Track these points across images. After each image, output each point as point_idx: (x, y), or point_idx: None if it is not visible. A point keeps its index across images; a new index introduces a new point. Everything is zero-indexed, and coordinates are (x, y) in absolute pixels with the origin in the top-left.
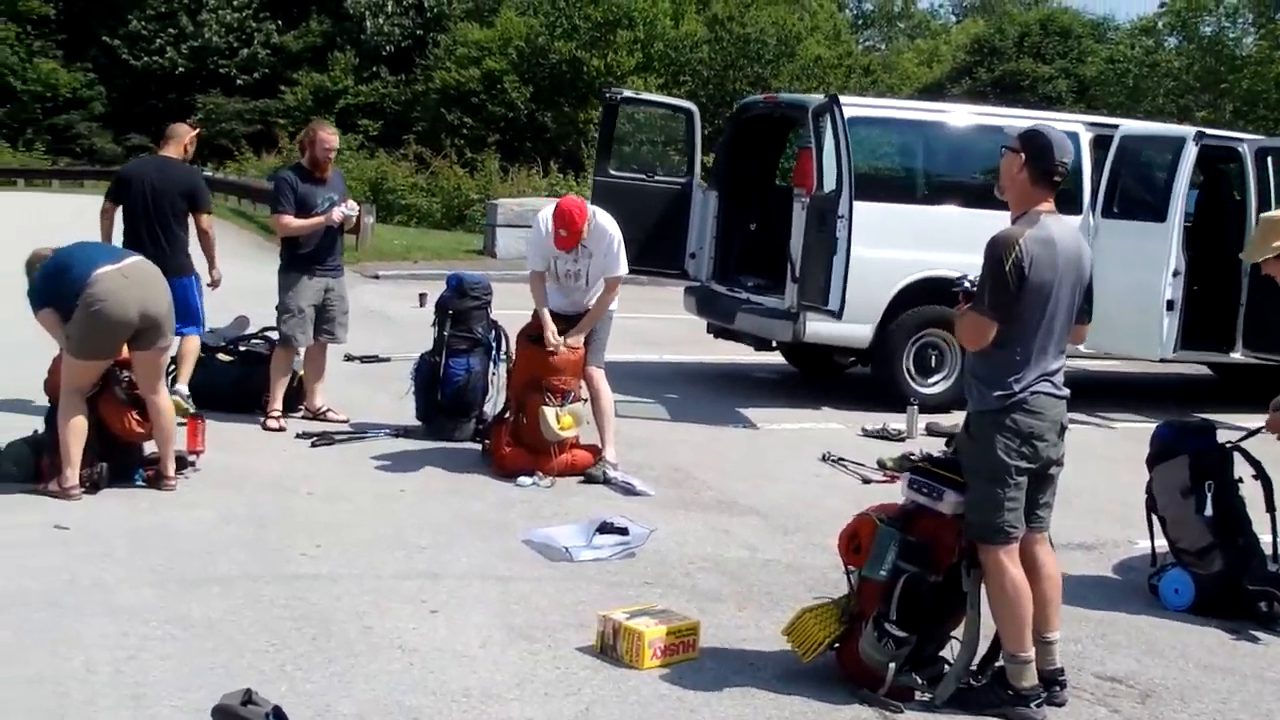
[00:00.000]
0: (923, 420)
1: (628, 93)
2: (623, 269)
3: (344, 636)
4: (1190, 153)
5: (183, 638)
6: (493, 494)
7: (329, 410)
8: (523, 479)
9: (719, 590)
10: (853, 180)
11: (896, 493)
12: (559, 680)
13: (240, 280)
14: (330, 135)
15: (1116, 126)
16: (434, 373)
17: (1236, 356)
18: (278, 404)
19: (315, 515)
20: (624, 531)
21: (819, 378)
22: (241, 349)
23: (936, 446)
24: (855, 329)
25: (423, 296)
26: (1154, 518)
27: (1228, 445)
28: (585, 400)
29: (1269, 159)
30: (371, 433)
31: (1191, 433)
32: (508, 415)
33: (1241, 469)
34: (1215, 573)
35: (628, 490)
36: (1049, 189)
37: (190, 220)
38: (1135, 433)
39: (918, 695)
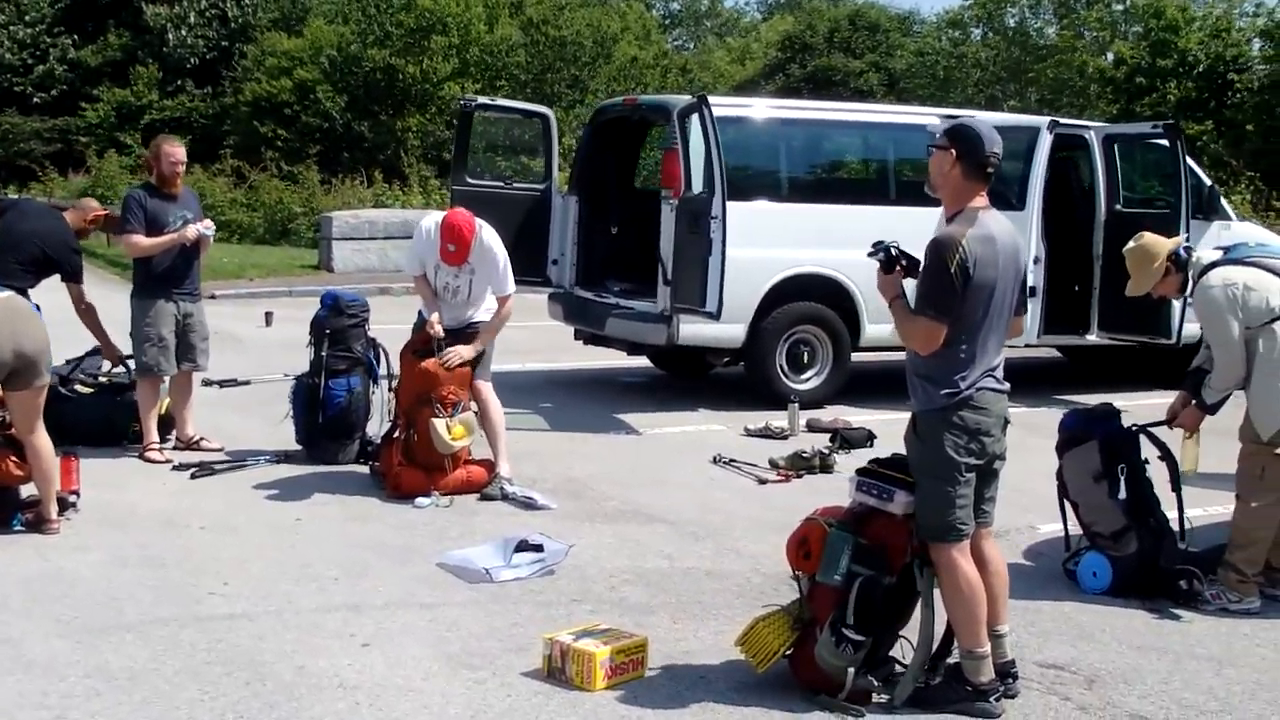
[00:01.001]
0: (802, 417)
1: (482, 99)
2: (511, 286)
3: (279, 679)
4: (1045, 141)
5: (107, 692)
6: (392, 517)
7: (202, 439)
8: (420, 499)
9: (648, 603)
10: (725, 181)
11: (793, 492)
12: (513, 709)
13: None
14: (177, 149)
15: (972, 118)
16: (314, 395)
17: (1092, 339)
18: (154, 435)
19: (213, 551)
20: (539, 549)
21: (687, 380)
22: (101, 379)
23: (821, 442)
24: (728, 329)
25: (269, 315)
26: (1065, 503)
27: (1134, 428)
28: (475, 412)
29: (1115, 146)
30: (251, 460)
31: (1099, 418)
32: (397, 434)
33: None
34: (1131, 554)
35: (529, 505)
36: (982, 182)
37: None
38: (1020, 418)
39: (874, 697)
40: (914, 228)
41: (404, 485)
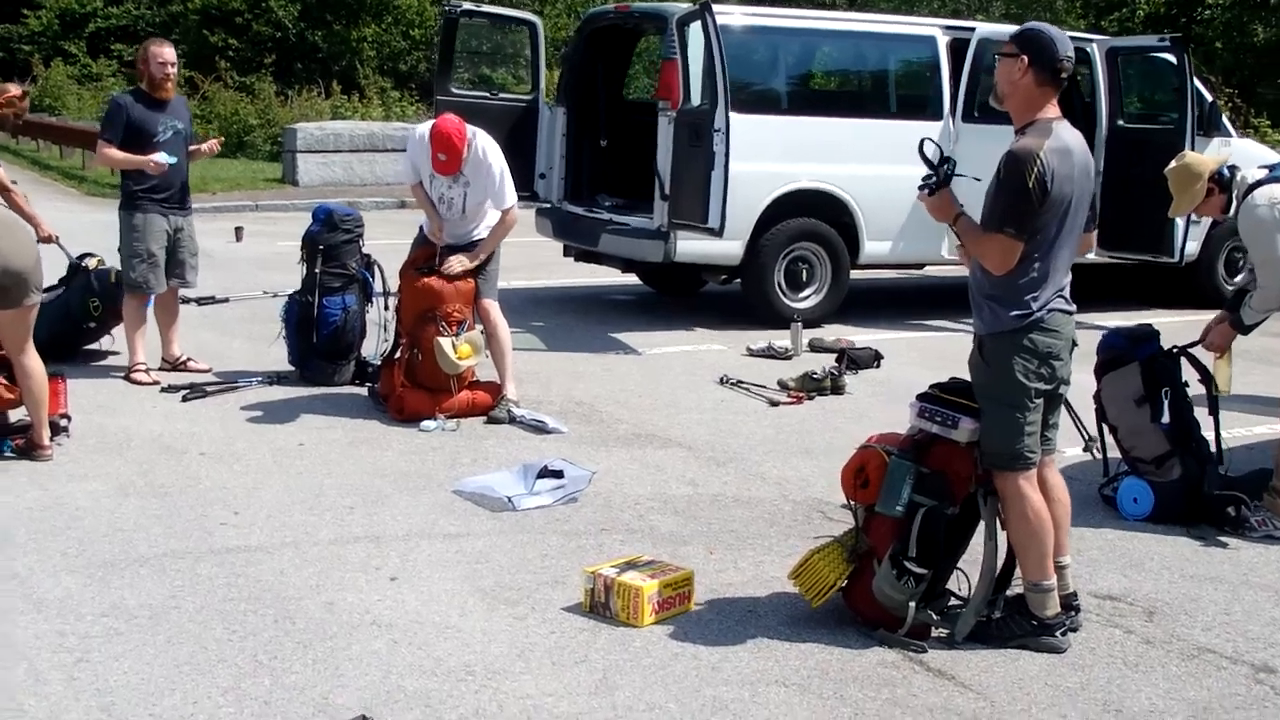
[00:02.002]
0: (805, 336)
1: (467, 5)
2: (511, 198)
3: (308, 616)
4: None
5: (128, 632)
6: (399, 442)
7: (188, 359)
8: (426, 423)
9: (679, 532)
10: (728, 92)
11: (806, 414)
12: (560, 647)
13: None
14: (165, 49)
15: (973, 30)
16: (307, 314)
17: (1091, 257)
18: (141, 356)
19: (218, 479)
20: (559, 475)
21: (678, 297)
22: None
23: (827, 363)
24: (726, 246)
25: (239, 230)
26: (1104, 427)
27: (1174, 350)
28: (481, 331)
29: (1118, 59)
30: (243, 382)
31: (1139, 339)
32: (399, 355)
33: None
34: (1175, 480)
35: (539, 428)
36: (1055, 89)
37: None
38: None
39: (933, 631)
40: (913, 141)
41: (408, 408)
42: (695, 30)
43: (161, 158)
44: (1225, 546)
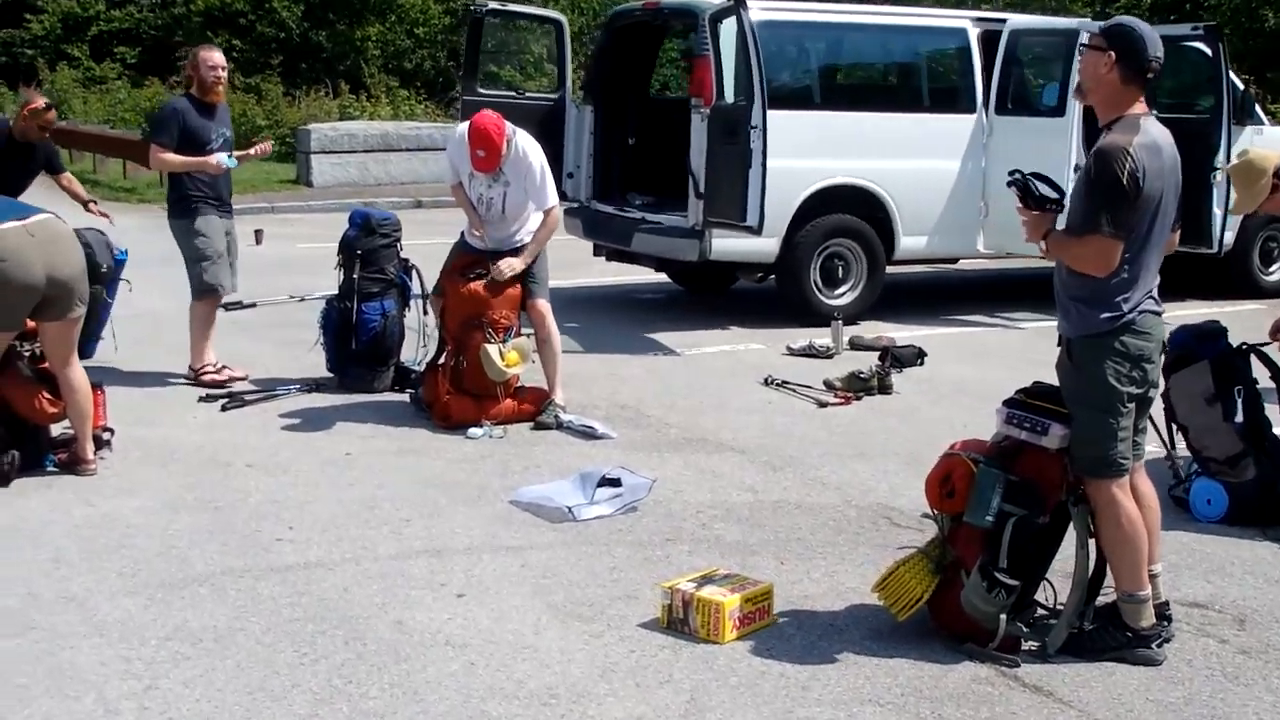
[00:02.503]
0: (845, 334)
1: (494, 4)
2: (553, 197)
3: (379, 636)
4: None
5: (195, 656)
6: (447, 450)
7: (224, 366)
8: (473, 430)
9: (745, 541)
10: (765, 89)
11: (856, 414)
12: (642, 666)
13: None
14: (216, 54)
15: (1004, 21)
16: (346, 319)
17: None
18: (212, 356)
19: (268, 491)
20: (617, 483)
21: (708, 296)
22: None
23: (870, 361)
24: (762, 244)
25: (259, 233)
26: (1173, 427)
27: (1244, 347)
28: (529, 335)
29: None
30: (281, 390)
31: (1208, 336)
32: (443, 361)
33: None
34: (1250, 480)
35: (588, 434)
36: (1141, 87)
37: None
38: (1047, 331)
39: (1023, 644)
40: (946, 134)
41: (454, 415)
42: (727, 26)
43: (223, 159)
44: None
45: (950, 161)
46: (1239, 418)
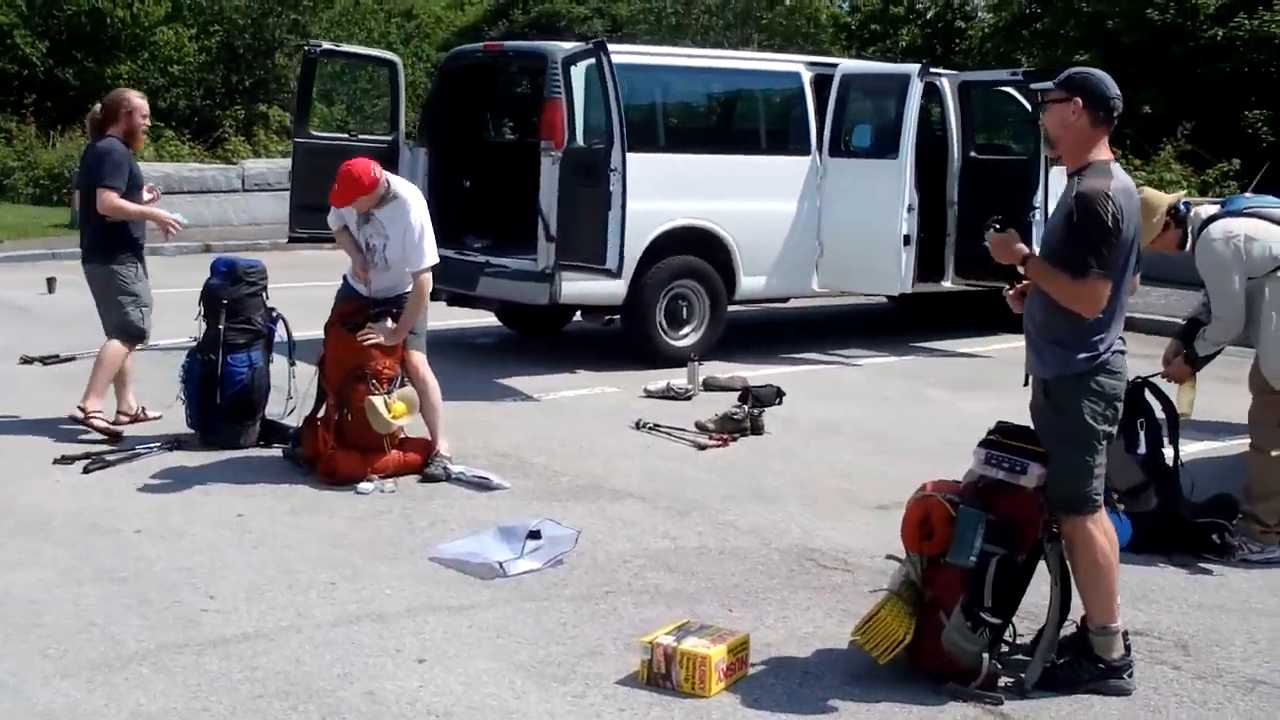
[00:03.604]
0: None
1: (326, 45)
2: (424, 260)
3: (355, 708)
4: (917, 88)
5: None
6: (341, 507)
7: (143, 408)
8: (363, 485)
9: (684, 589)
10: (624, 131)
11: (738, 456)
12: None
13: None
14: (144, 101)
15: (836, 65)
16: (211, 372)
17: (948, 285)
18: (130, 403)
19: (172, 559)
20: (537, 535)
21: (539, 338)
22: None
23: (725, 402)
24: (611, 286)
25: (51, 281)
26: None
27: (1138, 380)
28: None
29: (971, 92)
30: (143, 448)
31: None
32: (320, 415)
33: None
34: (1151, 510)
35: (483, 485)
36: (1107, 129)
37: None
38: (884, 368)
39: (1000, 681)
40: (783, 176)
41: (341, 471)
42: (578, 70)
43: (180, 217)
44: (1210, 573)
45: (788, 203)
46: (1141, 449)
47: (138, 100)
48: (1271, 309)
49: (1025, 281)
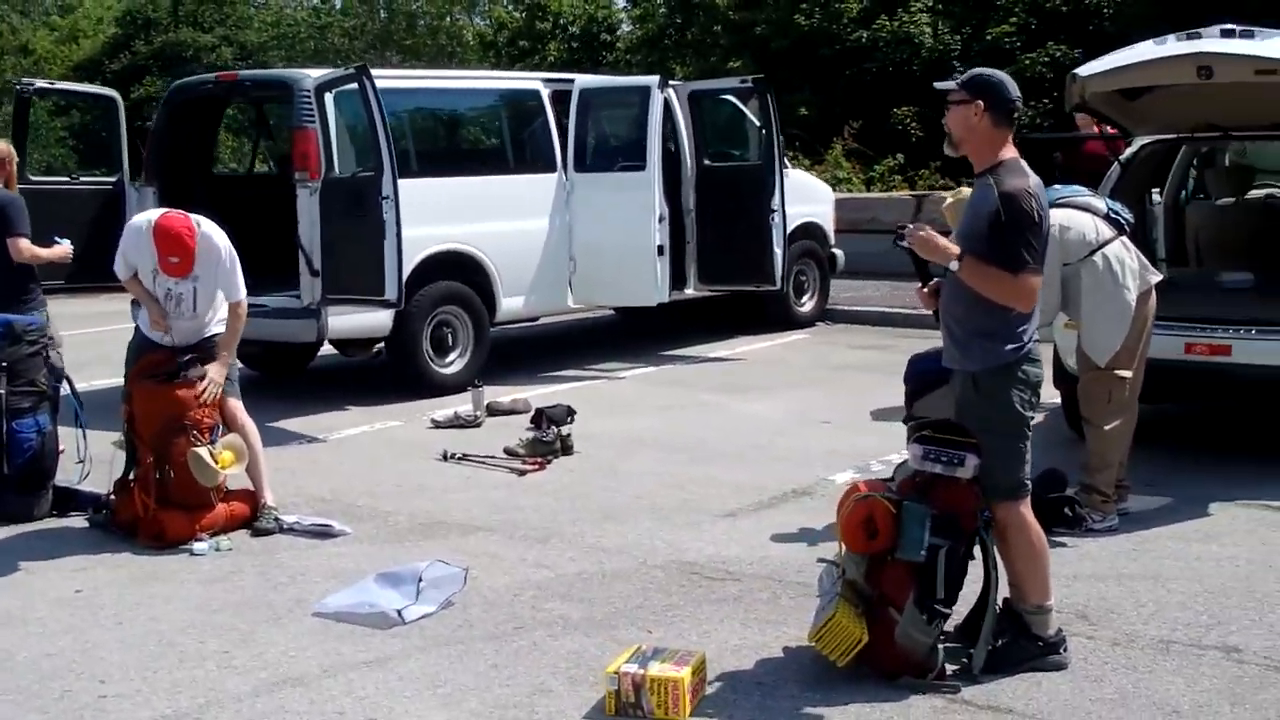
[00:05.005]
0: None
1: (40, 83)
2: (243, 290)
3: None
4: (658, 99)
5: None
6: (182, 571)
7: None
8: (197, 546)
9: (593, 617)
10: (394, 158)
11: (558, 478)
12: None
13: None
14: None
15: (572, 81)
16: None
17: (691, 292)
18: None
19: (30, 646)
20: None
21: (285, 375)
22: None
23: (518, 425)
24: (376, 317)
25: None
26: None
27: None
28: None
29: (701, 102)
30: None
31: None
32: (135, 475)
33: None
34: None
35: (324, 533)
36: (1010, 129)
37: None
38: (648, 378)
39: (948, 669)
40: (533, 194)
41: (168, 533)
42: (330, 97)
43: (68, 245)
44: (1065, 545)
45: (539, 221)
46: None
47: (10, 148)
48: (1090, 292)
49: (935, 280)
